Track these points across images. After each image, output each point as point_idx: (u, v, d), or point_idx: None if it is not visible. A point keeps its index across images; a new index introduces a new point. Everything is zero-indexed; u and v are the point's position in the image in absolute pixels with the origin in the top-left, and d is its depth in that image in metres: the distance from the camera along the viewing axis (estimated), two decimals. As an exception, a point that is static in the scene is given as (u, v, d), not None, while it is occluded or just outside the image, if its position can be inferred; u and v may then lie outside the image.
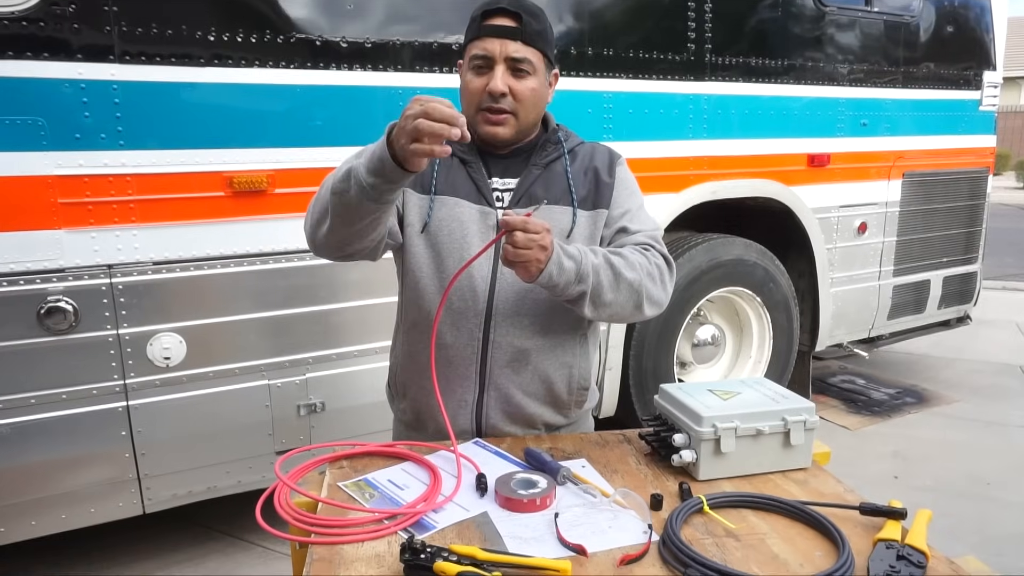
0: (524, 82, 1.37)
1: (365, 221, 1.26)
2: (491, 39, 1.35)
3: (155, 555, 2.72)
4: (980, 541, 2.81)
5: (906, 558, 0.99)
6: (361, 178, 1.19)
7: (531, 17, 1.36)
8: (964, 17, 4.06)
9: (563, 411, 1.51)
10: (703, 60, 3.14)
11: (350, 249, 1.34)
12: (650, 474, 1.28)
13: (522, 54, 1.35)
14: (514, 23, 1.35)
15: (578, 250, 1.31)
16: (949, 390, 4.51)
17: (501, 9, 1.35)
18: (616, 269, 1.33)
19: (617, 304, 1.35)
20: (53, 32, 2.01)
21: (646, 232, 1.45)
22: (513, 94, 1.37)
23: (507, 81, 1.35)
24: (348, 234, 1.29)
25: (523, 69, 1.36)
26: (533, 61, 1.37)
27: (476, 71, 1.38)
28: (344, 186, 1.22)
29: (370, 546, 1.03)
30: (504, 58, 1.35)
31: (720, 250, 3.34)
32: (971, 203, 4.31)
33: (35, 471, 2.19)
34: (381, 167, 1.16)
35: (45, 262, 2.10)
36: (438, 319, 1.36)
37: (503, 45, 1.35)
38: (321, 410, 2.55)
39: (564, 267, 1.27)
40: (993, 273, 7.21)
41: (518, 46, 1.35)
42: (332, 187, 1.24)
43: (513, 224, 1.21)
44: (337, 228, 1.28)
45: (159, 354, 2.28)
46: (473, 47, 1.37)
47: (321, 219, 1.30)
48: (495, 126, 1.39)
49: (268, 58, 2.29)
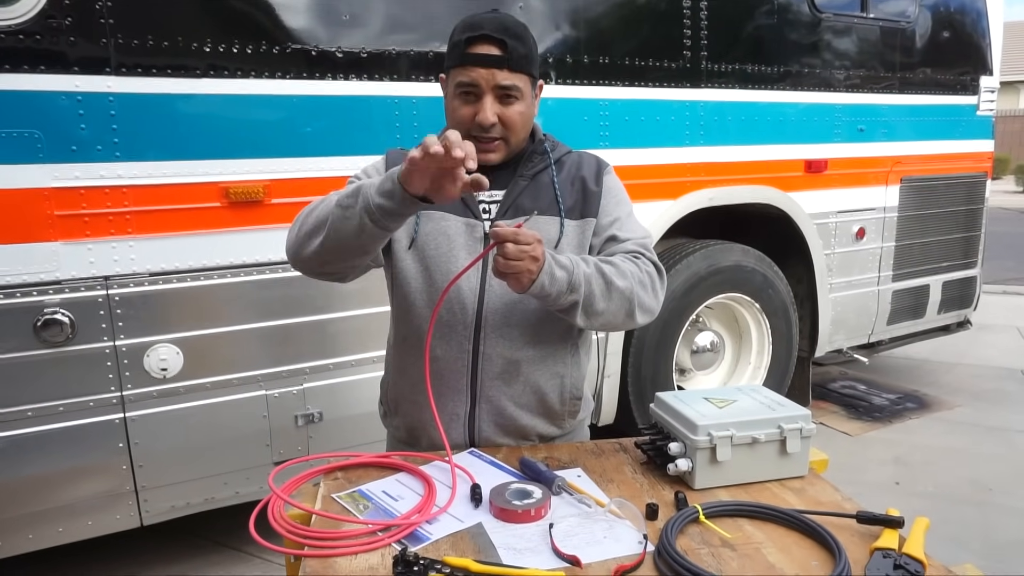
0: (513, 108, 1.36)
1: (359, 242, 1.25)
2: (477, 68, 1.32)
3: (153, 567, 2.71)
4: (982, 548, 2.80)
5: (903, 567, 0.99)
6: (370, 198, 1.19)
7: (516, 41, 1.32)
8: (960, 22, 4.07)
9: (556, 422, 1.50)
10: (699, 67, 3.15)
11: (331, 268, 1.34)
12: (646, 483, 1.27)
13: (510, 81, 1.33)
14: (499, 51, 1.31)
15: (569, 260, 1.30)
16: (950, 395, 4.50)
17: (485, 35, 1.31)
18: (608, 278, 1.33)
19: (609, 313, 1.34)
20: (49, 45, 2.02)
21: (635, 240, 1.44)
22: (503, 122, 1.35)
23: (496, 110, 1.34)
24: (336, 251, 1.29)
25: (511, 95, 1.35)
26: (520, 86, 1.35)
27: (463, 98, 1.35)
28: (351, 201, 1.22)
29: (363, 558, 1.03)
30: (491, 87, 1.32)
31: (718, 256, 3.33)
32: (970, 207, 4.30)
33: (32, 484, 2.19)
34: (392, 190, 1.17)
35: (41, 274, 2.10)
36: (430, 334, 1.34)
37: (490, 75, 1.32)
38: (319, 420, 2.54)
39: (556, 277, 1.26)
40: (993, 277, 7.20)
41: (505, 74, 1.32)
42: (338, 200, 1.24)
43: (504, 236, 1.21)
44: (329, 244, 1.27)
45: (156, 365, 2.28)
46: (458, 74, 1.34)
47: (314, 232, 1.29)
48: (486, 154, 1.37)
49: (264, 69, 2.30)
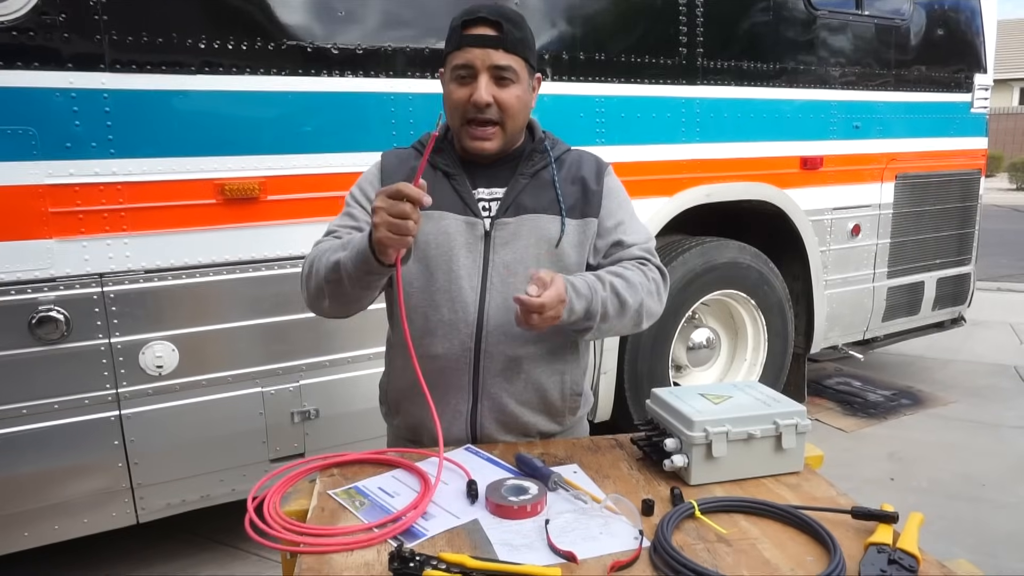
0: (508, 90, 1.37)
1: (360, 295, 1.35)
2: (472, 49, 1.34)
3: (149, 564, 2.71)
4: (975, 542, 2.81)
5: (897, 562, 0.99)
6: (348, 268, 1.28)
7: (512, 24, 1.35)
8: (954, 20, 4.08)
9: (557, 418, 1.50)
10: (695, 64, 3.15)
11: (351, 312, 1.43)
12: (642, 479, 1.28)
13: (505, 62, 1.35)
14: (495, 32, 1.34)
15: (588, 288, 1.33)
16: (944, 391, 4.52)
17: (481, 18, 1.34)
18: (621, 298, 1.37)
19: (619, 327, 1.42)
20: (43, 41, 2.01)
21: (640, 245, 1.47)
22: (498, 103, 1.36)
23: (491, 91, 1.35)
24: (347, 304, 1.39)
25: (507, 77, 1.36)
26: (516, 69, 1.36)
27: (459, 81, 1.37)
28: (335, 276, 1.31)
29: (359, 554, 1.03)
30: (487, 67, 1.34)
31: (714, 253, 3.34)
32: (964, 204, 4.32)
33: (27, 482, 2.18)
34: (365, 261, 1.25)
35: (36, 272, 2.09)
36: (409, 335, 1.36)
37: (485, 54, 1.34)
38: (315, 417, 2.54)
39: (575, 311, 1.31)
40: (987, 274, 7.24)
41: (500, 54, 1.34)
42: (325, 276, 1.33)
43: (531, 307, 1.23)
44: (336, 305, 1.39)
45: (151, 363, 2.27)
46: (455, 57, 1.36)
47: (318, 296, 1.38)
48: (482, 141, 1.39)
49: (259, 65, 2.29)
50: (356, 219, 1.45)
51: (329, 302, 1.38)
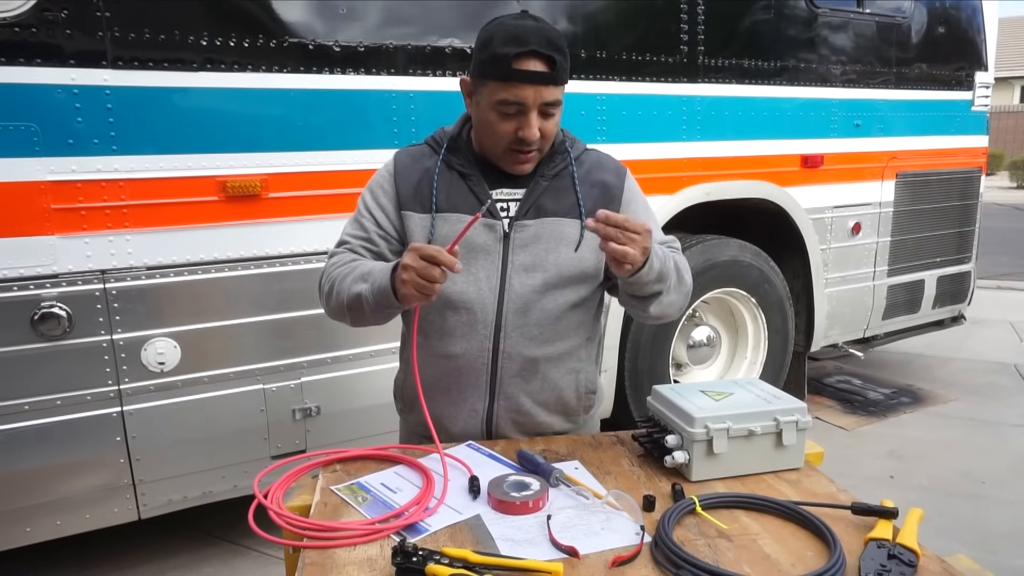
0: (552, 120, 1.35)
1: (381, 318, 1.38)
2: (524, 87, 1.28)
3: (150, 561, 2.71)
4: (975, 540, 2.82)
5: (897, 557, 1.00)
6: (370, 302, 1.32)
7: (562, 56, 1.29)
8: (955, 18, 4.08)
9: (572, 418, 1.52)
10: (696, 62, 3.15)
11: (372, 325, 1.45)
12: (643, 475, 1.28)
13: (555, 97, 1.31)
14: (548, 68, 1.27)
15: (662, 252, 1.33)
16: (944, 390, 4.52)
17: (533, 51, 1.26)
18: (680, 272, 1.38)
19: (676, 302, 1.40)
20: (46, 38, 2.01)
21: (669, 243, 1.48)
22: (542, 134, 1.34)
23: (539, 125, 1.32)
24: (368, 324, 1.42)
25: (552, 110, 1.33)
26: (560, 99, 1.34)
27: (503, 115, 1.31)
28: (357, 305, 1.35)
29: (362, 549, 1.04)
30: (538, 104, 1.30)
31: (715, 251, 3.34)
32: (964, 203, 4.32)
33: (29, 478, 2.19)
34: (387, 301, 1.29)
35: (38, 268, 2.10)
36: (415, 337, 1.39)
37: (537, 93, 1.28)
38: (317, 414, 2.54)
39: (654, 267, 1.28)
40: (987, 272, 7.23)
41: (551, 90, 1.30)
42: (348, 304, 1.37)
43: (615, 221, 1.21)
44: (357, 323, 1.42)
45: (153, 359, 2.28)
46: (502, 91, 1.29)
47: (339, 315, 1.43)
48: (523, 164, 1.39)
49: (261, 62, 2.29)
50: (367, 231, 1.45)
51: (350, 320, 1.42)
